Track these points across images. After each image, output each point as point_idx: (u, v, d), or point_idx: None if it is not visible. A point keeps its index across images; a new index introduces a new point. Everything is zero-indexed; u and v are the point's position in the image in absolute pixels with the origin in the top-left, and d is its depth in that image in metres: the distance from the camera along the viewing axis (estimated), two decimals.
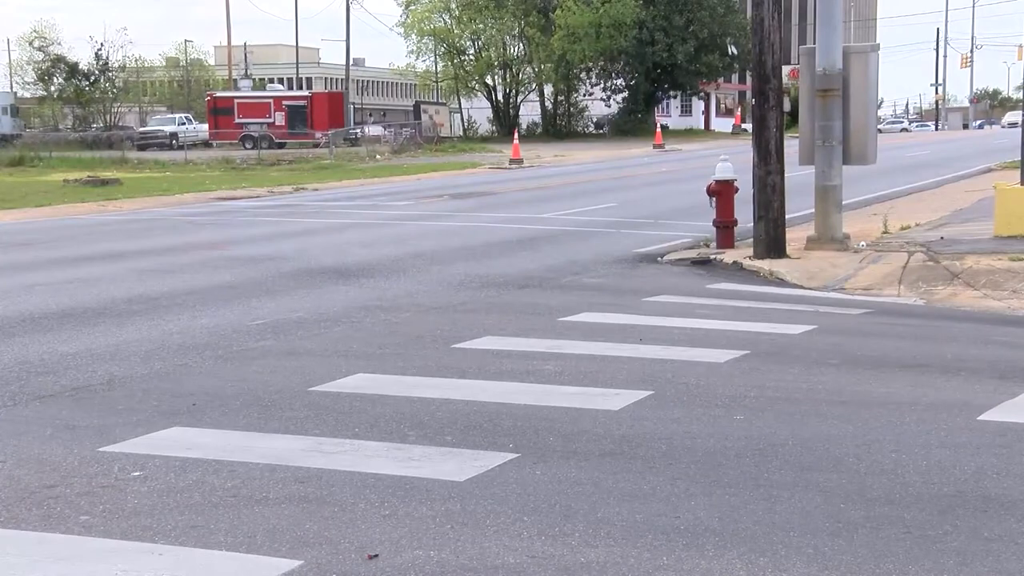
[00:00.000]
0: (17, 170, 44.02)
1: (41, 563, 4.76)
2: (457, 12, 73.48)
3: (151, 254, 16.61)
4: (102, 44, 75.27)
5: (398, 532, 5.06)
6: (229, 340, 9.74)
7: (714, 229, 16.29)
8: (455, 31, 73.63)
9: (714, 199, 16.22)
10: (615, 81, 76.33)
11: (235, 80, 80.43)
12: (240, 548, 4.90)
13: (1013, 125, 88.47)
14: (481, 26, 73.41)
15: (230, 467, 6.02)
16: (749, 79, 22.93)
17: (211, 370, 8.58)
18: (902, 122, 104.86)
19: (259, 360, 8.94)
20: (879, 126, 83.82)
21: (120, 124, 74.25)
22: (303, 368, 8.51)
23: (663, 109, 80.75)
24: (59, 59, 73.45)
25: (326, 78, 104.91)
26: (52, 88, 74.19)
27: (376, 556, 4.78)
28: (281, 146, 60.10)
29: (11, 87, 76.41)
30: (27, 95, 76.40)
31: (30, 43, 74.54)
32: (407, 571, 4.62)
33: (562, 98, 77.10)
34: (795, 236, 15.83)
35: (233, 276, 13.94)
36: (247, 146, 58.46)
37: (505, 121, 74.14)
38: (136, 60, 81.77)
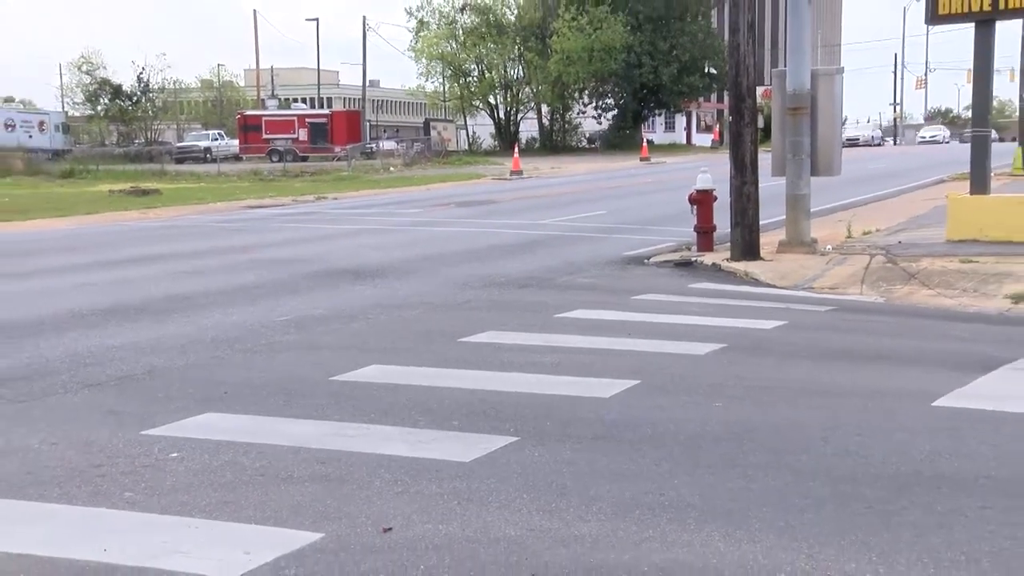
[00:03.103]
0: (68, 181, 44.07)
1: (90, 535, 4.78)
2: (462, 38, 73.36)
3: (187, 257, 16.63)
4: (143, 68, 75.39)
5: (410, 508, 5.07)
6: (257, 335, 9.76)
7: (695, 234, 16.30)
8: (460, 55, 73.50)
9: (695, 207, 16.24)
10: (606, 100, 76.36)
11: (263, 100, 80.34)
12: (267, 522, 4.92)
13: (933, 139, 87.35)
14: (484, 51, 73.33)
15: (258, 449, 6.04)
16: (726, 98, 22.93)
17: (241, 362, 8.60)
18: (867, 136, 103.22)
19: (284, 353, 8.96)
20: (861, 139, 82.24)
21: (159, 140, 74.28)
22: (324, 360, 8.53)
23: (649, 125, 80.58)
24: (105, 82, 73.47)
25: (344, 98, 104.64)
26: (99, 108, 74.18)
27: (390, 529, 4.80)
28: (304, 159, 60.02)
29: (63, 107, 76.48)
30: (76, 114, 76.46)
31: (79, 68, 74.59)
32: (418, 543, 4.64)
33: (558, 115, 77.02)
34: (768, 240, 15.84)
35: (260, 277, 13.95)
36: (273, 159, 58.44)
37: (506, 136, 74.05)
38: (174, 82, 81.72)
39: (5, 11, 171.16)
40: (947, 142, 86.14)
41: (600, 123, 77.86)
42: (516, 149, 51.13)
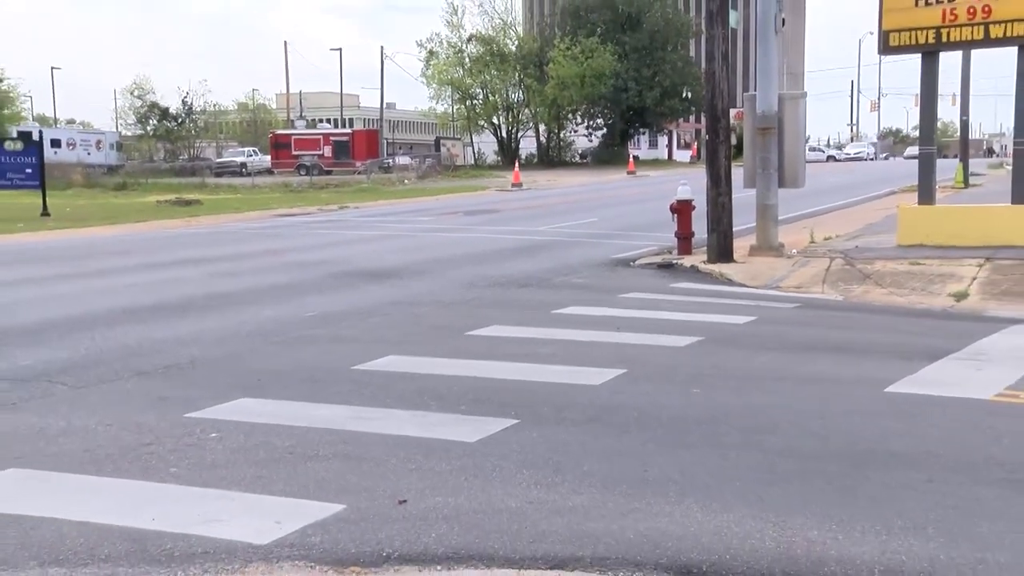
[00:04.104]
0: (121, 193, 44.05)
1: (140, 505, 4.78)
2: (468, 65, 73.41)
3: (224, 260, 16.62)
4: (187, 93, 75.51)
5: (422, 483, 5.06)
6: (286, 329, 9.75)
7: (676, 239, 16.29)
8: (467, 81, 73.50)
9: (676, 215, 16.25)
10: (596, 120, 76.44)
11: (292, 120, 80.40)
12: (296, 495, 4.91)
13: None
14: (488, 77, 73.35)
15: (288, 430, 6.03)
16: (703, 119, 22.90)
17: (272, 353, 8.59)
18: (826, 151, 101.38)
19: (310, 345, 8.95)
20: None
21: (201, 156, 74.18)
22: (346, 351, 8.52)
23: (635, 143, 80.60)
24: (154, 105, 73.47)
25: (364, 118, 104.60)
26: (148, 128, 74.19)
27: (405, 502, 4.79)
28: (329, 173, 59.98)
29: (117, 128, 76.75)
30: (128, 134, 76.48)
31: (131, 93, 74.68)
32: (429, 514, 4.63)
33: (554, 134, 77.06)
34: (740, 245, 15.83)
35: (289, 277, 13.94)
36: (301, 173, 58.37)
37: (508, 152, 74.04)
38: (214, 105, 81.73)
39: (69, 45, 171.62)
40: (871, 158, 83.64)
41: (591, 141, 78.02)
42: (516, 164, 51.12)
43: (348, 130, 74.01)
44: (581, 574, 3.98)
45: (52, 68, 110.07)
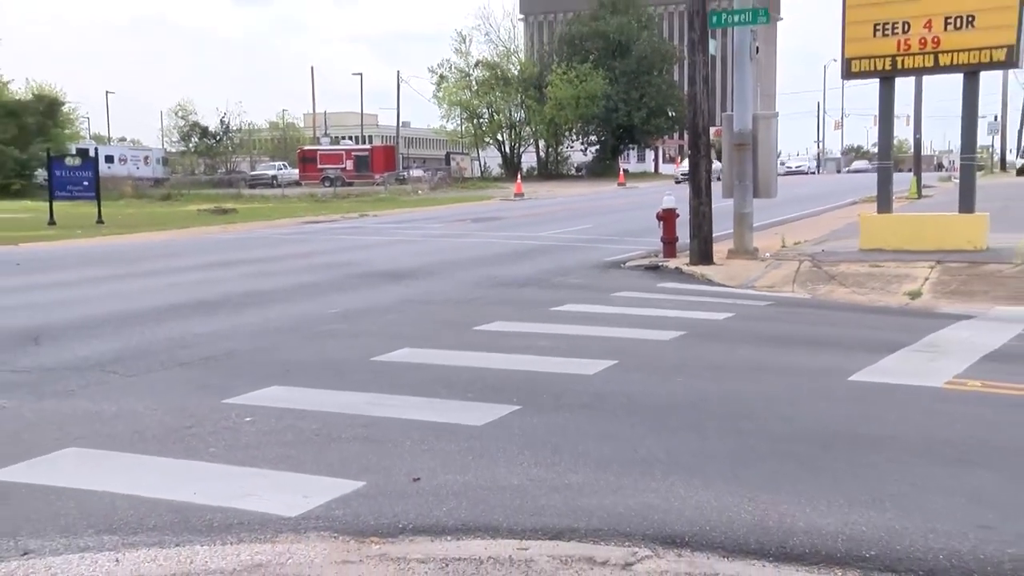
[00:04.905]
0: (166, 203, 44.06)
1: (183, 481, 4.79)
2: (475, 88, 73.40)
3: (257, 262, 16.62)
4: (225, 113, 76.12)
5: (434, 462, 5.07)
6: (312, 324, 9.75)
7: (662, 244, 16.29)
8: (474, 102, 73.43)
9: (661, 222, 16.25)
10: (590, 137, 76.35)
11: (318, 137, 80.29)
12: (321, 472, 4.92)
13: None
14: (493, 98, 73.27)
15: (314, 415, 6.03)
16: (686, 136, 22.88)
17: (300, 345, 8.60)
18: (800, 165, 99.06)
19: (334, 339, 8.95)
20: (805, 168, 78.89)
21: (236, 169, 74.23)
22: (365, 344, 8.51)
23: (625, 157, 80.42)
24: (195, 124, 73.61)
25: (382, 135, 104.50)
26: (190, 145, 74.34)
27: (418, 479, 4.79)
28: (350, 185, 59.93)
29: (162, 144, 76.95)
30: (173, 150, 76.62)
31: (175, 113, 74.86)
32: (441, 490, 4.64)
33: (552, 149, 76.98)
34: (719, 249, 15.81)
35: (315, 278, 13.94)
36: (326, 185, 58.38)
37: (511, 166, 73.95)
38: (248, 124, 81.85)
39: (122, 71, 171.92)
40: (812, 172, 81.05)
41: (586, 155, 77.99)
42: (519, 176, 51.15)
43: (368, 146, 73.98)
44: (577, 544, 3.98)
45: (107, 92, 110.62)
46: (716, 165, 19.38)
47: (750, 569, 3.74)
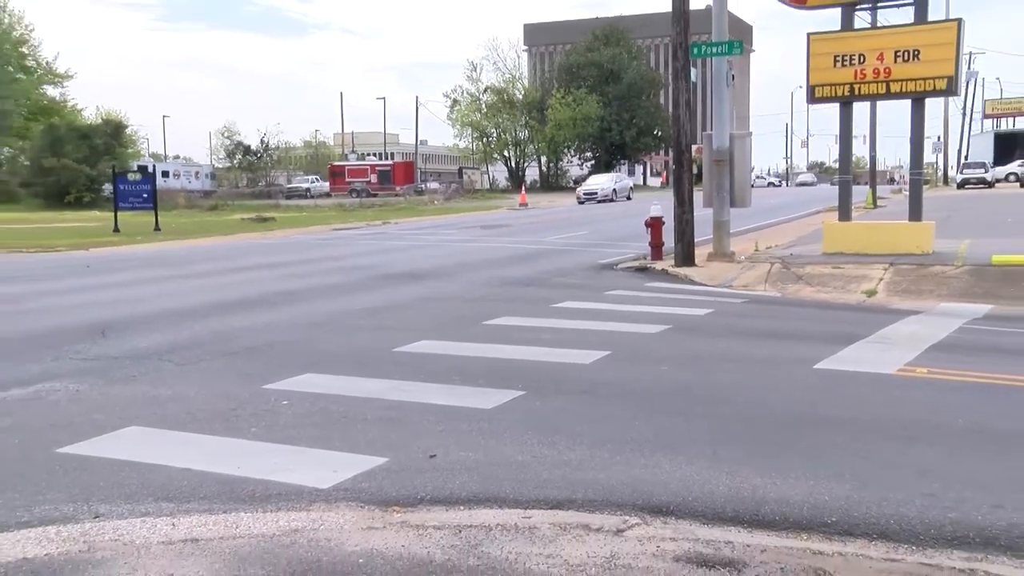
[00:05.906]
0: (213, 213, 43.99)
1: (228, 457, 4.80)
2: (484, 110, 73.44)
3: (292, 264, 16.62)
4: (265, 133, 76.18)
5: (448, 441, 5.07)
6: (340, 319, 9.75)
7: (649, 248, 16.26)
8: (483, 123, 73.47)
9: (649, 229, 16.23)
10: (586, 154, 76.50)
11: (346, 154, 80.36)
12: (348, 450, 4.92)
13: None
14: (500, 120, 73.33)
15: (342, 399, 6.03)
16: (671, 152, 22.86)
17: (329, 338, 8.60)
18: (772, 179, 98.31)
19: (359, 332, 8.95)
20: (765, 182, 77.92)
21: (274, 183, 74.31)
22: (388, 337, 8.51)
23: (617, 171, 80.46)
24: (239, 143, 73.63)
25: (402, 152, 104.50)
26: (234, 161, 74.38)
27: (435, 456, 4.79)
28: (374, 196, 59.80)
29: (210, 161, 77.04)
30: (219, 165, 76.74)
31: (222, 134, 74.97)
32: (455, 465, 4.64)
33: (552, 164, 77.00)
34: (701, 252, 15.78)
35: (343, 278, 13.94)
36: (353, 196, 58.31)
37: (516, 179, 73.92)
38: (285, 142, 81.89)
39: (177, 98, 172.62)
40: (763, 185, 79.89)
41: (582, 169, 77.89)
42: (523, 188, 51.06)
43: (390, 162, 73.93)
44: (575, 513, 3.98)
45: (163, 116, 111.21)
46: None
47: (727, 534, 3.73)
